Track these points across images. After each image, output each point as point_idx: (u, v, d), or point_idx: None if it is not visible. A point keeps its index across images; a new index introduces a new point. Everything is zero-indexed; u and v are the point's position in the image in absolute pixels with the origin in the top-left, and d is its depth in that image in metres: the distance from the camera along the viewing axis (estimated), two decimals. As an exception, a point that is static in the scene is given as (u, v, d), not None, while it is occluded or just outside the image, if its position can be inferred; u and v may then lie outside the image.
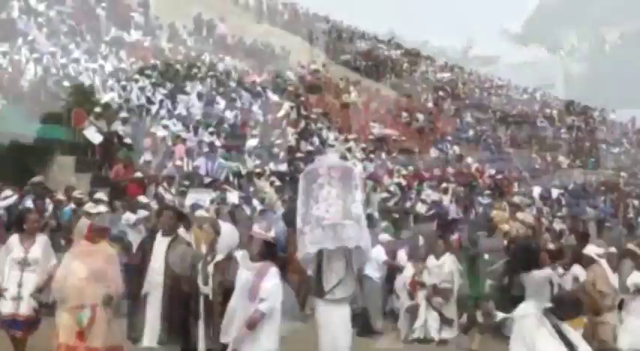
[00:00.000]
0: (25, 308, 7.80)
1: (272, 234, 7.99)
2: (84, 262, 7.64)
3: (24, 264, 7.87)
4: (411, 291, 12.01)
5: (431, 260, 12.06)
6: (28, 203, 12.31)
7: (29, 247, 7.93)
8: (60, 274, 7.72)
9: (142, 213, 12.30)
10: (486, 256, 11.81)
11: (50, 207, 12.77)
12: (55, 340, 7.64)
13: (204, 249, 7.94)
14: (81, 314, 7.39)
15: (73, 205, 12.71)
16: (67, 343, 7.46)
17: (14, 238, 8.04)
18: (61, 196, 13.43)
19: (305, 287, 12.94)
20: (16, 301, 7.78)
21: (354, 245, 7.29)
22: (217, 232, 7.51)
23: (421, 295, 11.95)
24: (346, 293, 7.39)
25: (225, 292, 7.23)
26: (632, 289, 10.77)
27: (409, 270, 12.18)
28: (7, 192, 11.82)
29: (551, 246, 12.76)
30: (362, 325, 11.46)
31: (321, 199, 7.31)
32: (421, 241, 13.53)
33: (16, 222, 8.33)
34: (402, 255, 13.13)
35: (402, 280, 12.29)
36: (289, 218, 14.26)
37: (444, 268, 11.83)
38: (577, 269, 10.87)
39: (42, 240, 8.09)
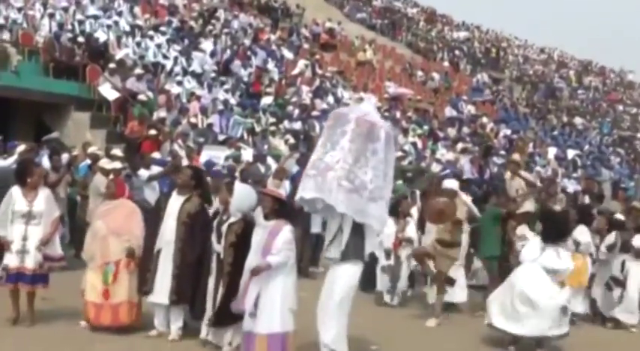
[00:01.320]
0: (32, 262, 7.74)
1: (285, 191, 8.02)
2: (104, 221, 8.00)
3: (28, 217, 7.78)
4: (392, 249, 11.07)
5: None
6: (44, 159, 12.34)
7: (33, 200, 7.83)
8: (88, 234, 8.13)
9: (156, 169, 12.33)
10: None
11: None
12: (82, 299, 8.01)
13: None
14: (106, 270, 7.78)
15: (88, 161, 12.75)
16: (93, 302, 7.83)
17: (16, 191, 7.87)
18: (76, 152, 13.46)
19: (310, 243, 13.01)
20: (21, 255, 7.72)
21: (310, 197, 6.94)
22: (231, 191, 7.51)
23: (404, 254, 11.17)
24: (339, 253, 6.98)
25: (236, 253, 7.27)
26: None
27: (390, 227, 10.78)
28: (21, 147, 11.82)
29: (557, 207, 12.56)
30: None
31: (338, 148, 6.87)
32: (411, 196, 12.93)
33: (19, 175, 8.07)
34: None
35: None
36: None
37: None
38: (580, 230, 10.77)
39: (45, 193, 7.99)
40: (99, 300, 7.77)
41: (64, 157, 12.43)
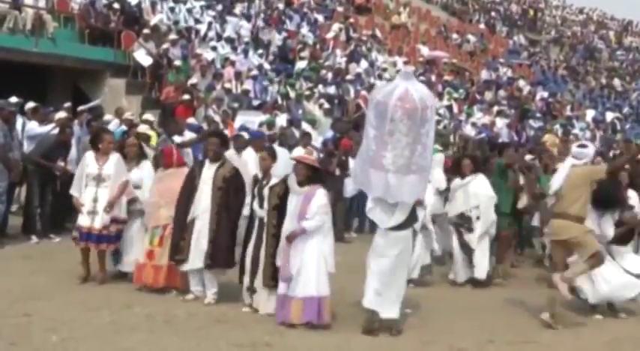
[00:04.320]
0: (99, 222, 8.22)
1: (316, 157, 8.00)
2: (160, 186, 8.29)
3: (99, 180, 8.30)
4: None
5: (455, 182, 10.04)
6: (75, 128, 12.25)
7: (103, 165, 8.34)
8: (147, 196, 8.47)
9: (189, 135, 12.39)
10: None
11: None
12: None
13: (258, 173, 7.92)
14: (154, 232, 8.12)
15: (123, 127, 12.82)
16: (139, 261, 8.20)
17: (90, 156, 8.44)
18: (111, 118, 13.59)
19: (344, 208, 12.97)
20: (92, 216, 8.23)
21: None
22: (274, 158, 7.53)
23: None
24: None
25: (280, 215, 7.31)
26: None
27: None
28: (61, 114, 11.92)
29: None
30: None
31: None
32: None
33: (92, 141, 8.71)
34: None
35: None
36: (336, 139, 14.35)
37: (469, 188, 9.74)
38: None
39: (115, 158, 8.46)
40: (142, 260, 8.11)
41: (114, 123, 12.66)
